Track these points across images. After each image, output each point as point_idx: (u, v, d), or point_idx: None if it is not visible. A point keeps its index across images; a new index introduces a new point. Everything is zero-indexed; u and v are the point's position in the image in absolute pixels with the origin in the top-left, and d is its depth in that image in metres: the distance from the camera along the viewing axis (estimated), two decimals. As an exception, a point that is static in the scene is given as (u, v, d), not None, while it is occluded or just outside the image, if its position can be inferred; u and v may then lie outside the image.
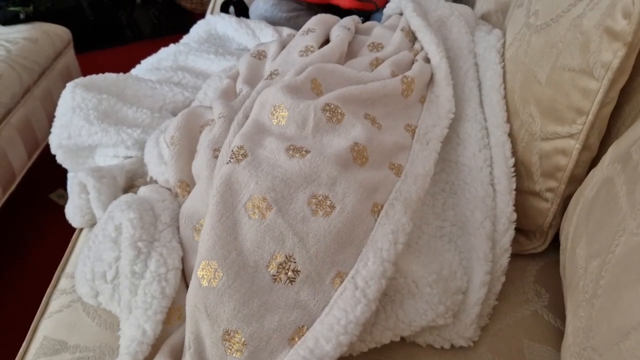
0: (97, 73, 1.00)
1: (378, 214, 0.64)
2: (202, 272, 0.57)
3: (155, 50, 1.18)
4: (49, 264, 1.43)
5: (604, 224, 0.54)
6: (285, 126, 0.68)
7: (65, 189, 1.71)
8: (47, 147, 1.68)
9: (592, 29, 0.63)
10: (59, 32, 1.71)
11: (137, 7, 2.74)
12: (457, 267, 0.69)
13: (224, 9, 1.41)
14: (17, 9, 1.67)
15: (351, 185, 0.63)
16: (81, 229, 0.86)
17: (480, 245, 0.71)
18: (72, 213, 0.83)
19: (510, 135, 0.78)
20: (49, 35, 1.67)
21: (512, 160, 0.77)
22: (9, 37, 1.56)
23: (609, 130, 0.71)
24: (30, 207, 1.65)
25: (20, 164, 1.49)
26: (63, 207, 1.84)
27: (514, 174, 0.76)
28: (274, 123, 0.69)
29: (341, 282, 0.59)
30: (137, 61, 1.19)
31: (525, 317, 0.73)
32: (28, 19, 1.68)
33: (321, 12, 1.05)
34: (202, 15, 2.54)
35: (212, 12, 1.54)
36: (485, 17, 1.08)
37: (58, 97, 1.61)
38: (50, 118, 1.61)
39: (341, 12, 1.15)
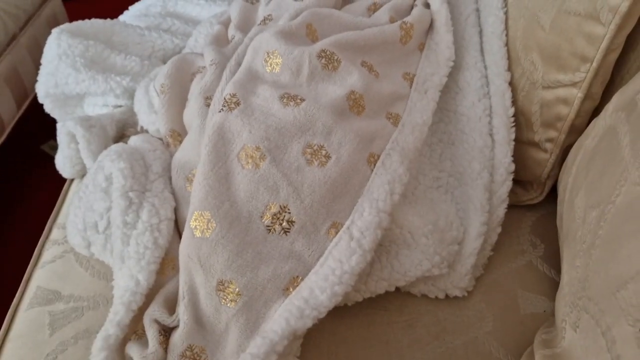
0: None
1: (374, 164, 0.62)
2: (195, 223, 0.56)
3: None
4: (41, 215, 1.42)
5: (605, 174, 0.53)
6: (279, 73, 0.66)
7: (56, 139, 1.69)
8: (37, 97, 1.64)
9: (600, -29, 0.60)
10: None
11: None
12: (454, 218, 0.68)
13: None
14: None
15: (347, 135, 0.61)
16: (72, 180, 0.85)
17: (477, 196, 0.70)
18: (62, 163, 0.81)
19: (511, 83, 0.76)
20: None
21: (512, 110, 0.75)
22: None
23: (612, 79, 0.69)
24: (22, 159, 1.63)
25: (9, 114, 1.46)
26: (55, 158, 1.82)
27: (514, 124, 0.75)
28: (268, 70, 0.67)
29: (336, 233, 0.58)
30: (125, 9, 1.15)
31: (520, 267, 0.73)
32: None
33: None
34: None
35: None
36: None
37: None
38: (39, 67, 1.57)
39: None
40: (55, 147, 1.88)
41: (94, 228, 0.65)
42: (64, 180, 0.88)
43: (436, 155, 0.74)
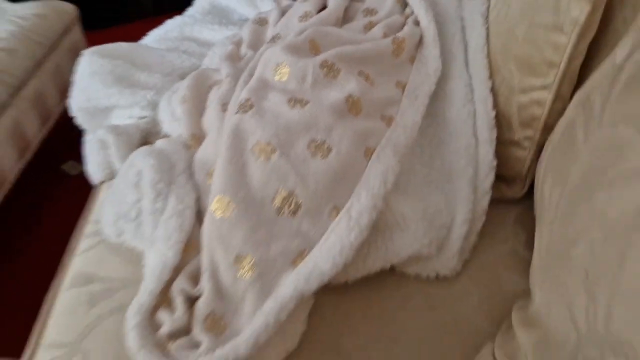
0: None
1: (370, 157, 0.72)
2: (216, 205, 0.65)
3: (158, 26, 1.25)
4: (63, 229, 1.52)
5: (565, 158, 0.62)
6: (287, 81, 0.76)
7: (76, 160, 1.79)
8: (59, 119, 1.76)
9: (560, -13, 0.71)
10: (66, 9, 1.78)
11: (139, -15, 2.79)
12: (442, 207, 0.77)
13: None
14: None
15: (346, 132, 0.71)
16: (102, 183, 0.94)
17: (463, 188, 0.79)
18: (94, 168, 0.91)
19: (492, 90, 0.86)
20: (57, 11, 1.73)
21: (494, 113, 0.84)
22: (20, 14, 1.63)
23: (580, 82, 0.79)
24: (44, 177, 1.74)
25: (34, 135, 1.57)
26: (74, 177, 1.93)
27: (495, 125, 0.84)
28: (277, 79, 0.77)
29: (337, 215, 0.67)
30: (142, 37, 1.26)
31: (504, 252, 0.81)
32: (37, -4, 1.75)
33: None
34: None
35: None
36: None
37: (68, 71, 1.68)
38: (61, 91, 1.69)
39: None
40: (74, 167, 1.98)
41: (125, 217, 0.74)
42: (84, 195, 0.97)
43: (427, 155, 0.83)
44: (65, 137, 1.78)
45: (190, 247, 0.70)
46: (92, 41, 2.04)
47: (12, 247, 1.52)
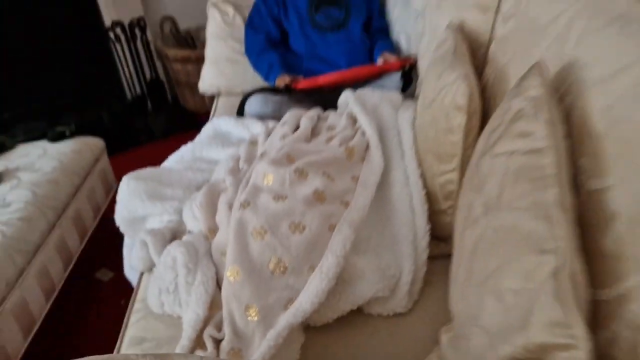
0: (123, 171, 1.41)
1: (333, 230, 1.03)
2: (230, 273, 0.96)
3: (166, 148, 1.61)
4: (105, 324, 1.82)
5: (463, 225, 0.93)
6: (272, 185, 1.10)
7: (108, 268, 2.11)
8: (92, 235, 2.08)
9: (449, 105, 1.06)
10: (95, 143, 2.17)
11: (150, 114, 3.25)
12: (392, 262, 1.07)
13: (239, 112, 1.83)
14: (63, 128, 2.15)
15: (315, 215, 1.03)
16: (142, 274, 1.25)
17: (406, 248, 1.10)
18: (137, 262, 1.22)
19: (421, 175, 1.19)
20: (89, 145, 2.12)
21: (424, 192, 1.17)
22: (60, 151, 2.01)
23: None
24: (82, 283, 2.03)
25: (75, 249, 1.89)
26: (107, 283, 2.23)
27: (426, 200, 1.16)
28: (265, 184, 1.11)
29: (313, 271, 0.97)
30: (154, 159, 1.60)
31: (445, 293, 1.10)
32: (71, 135, 2.15)
33: (303, 97, 1.51)
34: (204, 115, 3.11)
35: (213, 116, 2.01)
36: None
37: (99, 192, 2.04)
38: (94, 209, 2.03)
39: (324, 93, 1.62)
40: (106, 274, 2.29)
41: (166, 291, 1.04)
42: (116, 298, 1.23)
43: (378, 226, 1.15)
44: (98, 249, 2.11)
45: (214, 305, 0.99)
46: (115, 164, 2.43)
47: (68, 343, 1.78)
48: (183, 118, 3.28)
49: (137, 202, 1.28)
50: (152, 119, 3.22)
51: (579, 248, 0.63)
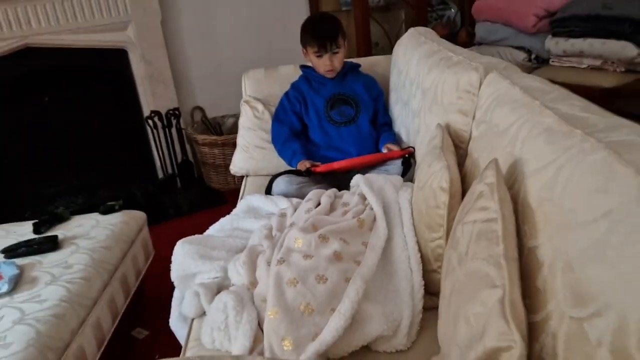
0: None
1: (348, 282, 1.34)
2: (270, 313, 1.26)
3: (193, 221, 1.96)
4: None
5: (446, 277, 1.24)
6: (301, 247, 1.42)
7: (142, 327, 2.39)
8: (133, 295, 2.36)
9: (436, 187, 1.39)
10: (139, 215, 2.52)
11: (179, 191, 3.62)
12: (393, 309, 1.37)
13: (267, 191, 2.19)
14: (113, 203, 2.50)
15: (335, 270, 1.34)
16: (192, 320, 1.54)
17: (406, 299, 1.40)
18: (189, 309, 1.51)
19: (417, 242, 1.51)
20: (134, 217, 2.47)
21: (419, 255, 1.48)
22: (111, 222, 2.35)
23: (460, 233, 1.44)
24: (119, 340, 2.30)
25: (121, 306, 2.18)
26: (141, 340, 2.51)
27: (421, 261, 1.47)
28: (296, 246, 1.43)
29: (333, 312, 1.27)
30: (182, 231, 1.93)
31: (436, 335, 1.38)
32: (119, 209, 2.50)
33: (321, 178, 1.87)
34: (228, 193, 3.52)
35: (243, 193, 2.37)
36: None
37: (141, 258, 2.36)
38: (137, 273, 2.34)
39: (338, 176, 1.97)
40: (140, 333, 2.57)
41: (217, 329, 1.33)
42: (152, 354, 1.49)
43: (385, 281, 1.45)
44: (135, 310, 2.39)
45: (257, 339, 1.29)
46: (153, 233, 2.75)
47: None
48: (207, 195, 3.64)
49: (189, 261, 1.60)
50: (181, 195, 3.59)
51: (518, 285, 0.94)
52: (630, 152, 0.87)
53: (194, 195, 3.61)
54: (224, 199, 3.53)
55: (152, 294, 2.56)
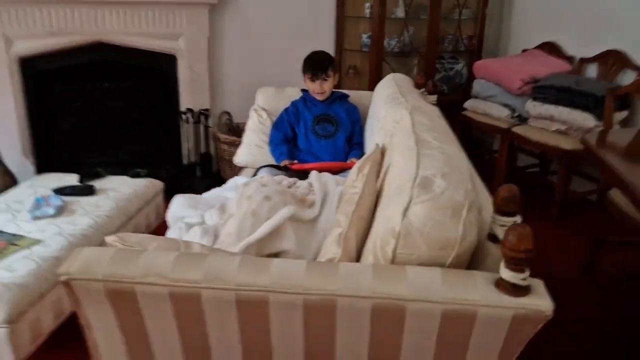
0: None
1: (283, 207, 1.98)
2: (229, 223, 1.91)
3: None
4: None
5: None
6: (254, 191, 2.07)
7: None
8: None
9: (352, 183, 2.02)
10: (158, 183, 3.22)
11: (197, 178, 4.33)
12: (305, 244, 1.99)
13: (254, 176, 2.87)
14: (139, 170, 3.22)
15: (278, 196, 1.99)
16: (174, 246, 2.20)
17: (315, 244, 2.02)
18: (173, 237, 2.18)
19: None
20: (153, 184, 3.17)
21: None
22: (135, 183, 3.06)
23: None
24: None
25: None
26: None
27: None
28: (251, 192, 2.08)
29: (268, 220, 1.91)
30: None
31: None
32: (144, 176, 3.22)
33: (294, 174, 2.52)
34: None
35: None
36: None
37: (152, 216, 3.08)
38: (147, 226, 3.03)
39: (307, 173, 2.62)
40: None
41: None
42: None
43: (307, 231, 2.08)
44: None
45: (209, 256, 1.94)
46: (165, 206, 3.44)
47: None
48: (220, 185, 4.33)
49: (180, 208, 2.27)
50: (198, 181, 4.29)
51: (355, 228, 1.55)
52: (425, 159, 1.50)
53: (209, 183, 4.30)
54: (232, 190, 4.21)
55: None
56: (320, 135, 2.99)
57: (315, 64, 3.00)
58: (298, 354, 1.26)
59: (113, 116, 4.28)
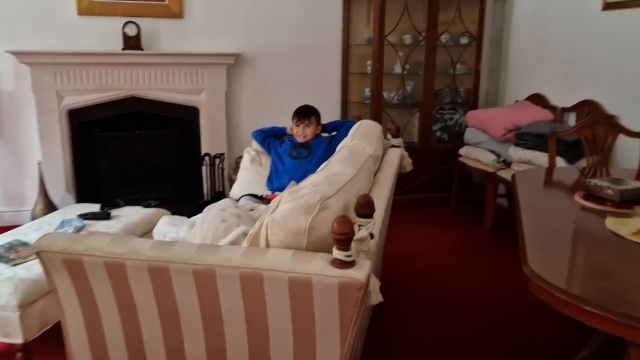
0: None
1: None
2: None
3: None
4: None
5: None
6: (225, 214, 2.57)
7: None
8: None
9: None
10: (164, 212, 3.79)
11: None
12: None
13: None
14: (152, 201, 3.82)
15: (234, 219, 2.47)
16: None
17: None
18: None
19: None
20: (160, 212, 3.74)
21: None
22: (145, 212, 3.64)
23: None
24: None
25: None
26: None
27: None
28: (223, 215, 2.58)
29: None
30: None
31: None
32: (154, 206, 3.80)
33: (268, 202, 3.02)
34: None
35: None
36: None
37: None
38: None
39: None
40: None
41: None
42: None
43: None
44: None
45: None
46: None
47: None
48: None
49: (164, 226, 2.80)
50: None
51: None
52: (313, 176, 1.95)
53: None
54: (241, 224, 4.74)
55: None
56: (295, 157, 3.52)
57: (302, 112, 3.60)
58: (195, 315, 1.71)
59: (144, 159, 4.97)
